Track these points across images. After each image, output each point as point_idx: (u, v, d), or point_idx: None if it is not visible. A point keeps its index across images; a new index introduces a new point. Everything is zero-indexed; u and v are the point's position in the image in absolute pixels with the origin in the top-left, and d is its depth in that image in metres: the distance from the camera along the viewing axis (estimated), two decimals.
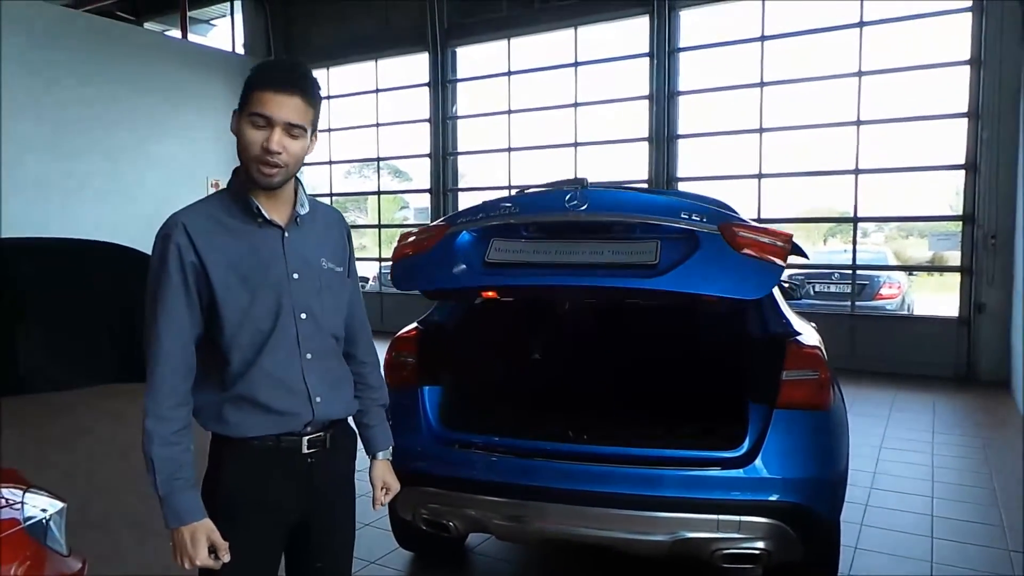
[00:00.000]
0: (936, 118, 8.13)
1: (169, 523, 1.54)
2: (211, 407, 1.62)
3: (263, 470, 1.63)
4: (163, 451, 1.52)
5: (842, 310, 8.68)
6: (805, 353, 2.71)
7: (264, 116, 1.53)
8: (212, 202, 1.65)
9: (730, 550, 2.55)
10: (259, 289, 1.60)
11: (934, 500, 4.23)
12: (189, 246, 1.55)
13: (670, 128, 9.43)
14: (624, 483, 2.61)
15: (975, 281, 7.78)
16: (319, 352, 1.67)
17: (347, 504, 1.82)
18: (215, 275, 1.56)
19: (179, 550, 1.54)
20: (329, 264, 1.71)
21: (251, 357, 1.59)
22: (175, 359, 1.55)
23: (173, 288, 1.55)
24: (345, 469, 1.80)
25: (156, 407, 1.53)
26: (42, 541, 1.95)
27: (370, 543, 3.59)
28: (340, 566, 1.82)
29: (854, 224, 8.57)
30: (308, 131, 1.59)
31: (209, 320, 1.60)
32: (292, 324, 1.63)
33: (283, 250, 1.63)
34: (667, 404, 3.48)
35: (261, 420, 1.61)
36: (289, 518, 1.69)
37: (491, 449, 2.81)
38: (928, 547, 3.60)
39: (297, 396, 1.63)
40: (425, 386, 3.01)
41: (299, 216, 1.67)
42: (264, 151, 1.54)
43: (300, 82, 1.56)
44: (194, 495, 1.56)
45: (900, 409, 6.53)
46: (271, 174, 1.56)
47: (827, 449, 2.69)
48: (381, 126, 12.00)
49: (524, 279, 2.66)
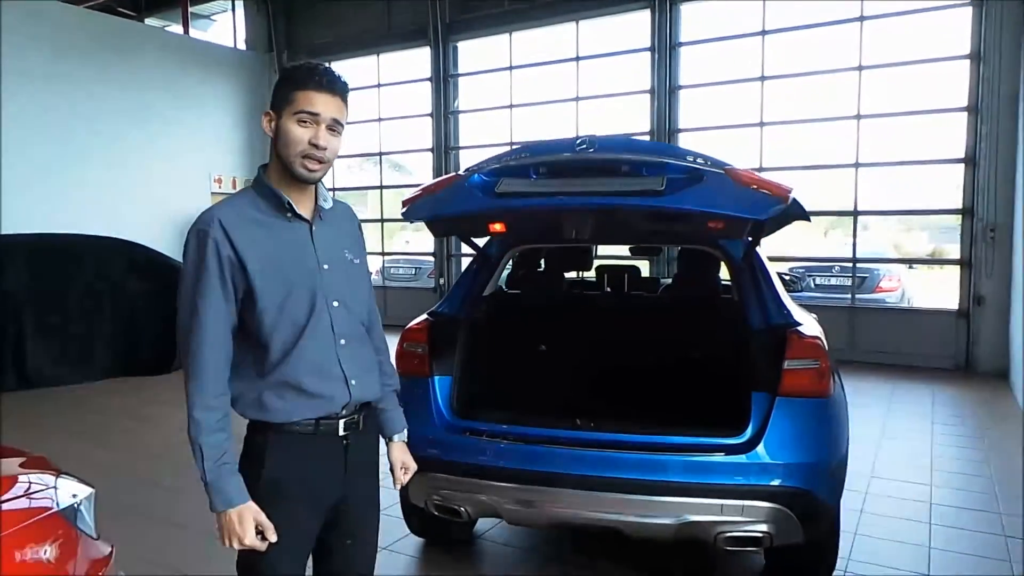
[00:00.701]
0: (936, 112, 8.20)
1: (217, 506, 1.61)
2: (250, 395, 1.70)
3: (304, 453, 1.71)
4: (211, 438, 1.60)
5: (842, 303, 8.75)
6: (806, 342, 2.78)
7: (312, 114, 1.63)
8: (242, 198, 1.73)
9: (733, 533, 2.63)
10: (295, 281, 1.68)
11: (932, 488, 4.31)
12: (225, 240, 1.63)
13: (671, 122, 9.48)
14: (631, 468, 2.69)
15: (974, 274, 7.85)
16: (351, 338, 1.77)
17: (374, 483, 1.92)
18: (252, 268, 1.64)
19: (227, 532, 1.61)
20: (350, 255, 1.82)
21: (290, 345, 1.68)
22: (219, 349, 1.64)
23: (212, 281, 1.62)
24: (374, 450, 1.90)
25: (202, 396, 1.61)
26: (74, 524, 2.03)
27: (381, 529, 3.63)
28: (368, 543, 1.91)
29: (854, 218, 8.64)
30: (342, 130, 1.71)
31: (245, 312, 1.67)
32: (326, 312, 1.72)
33: (312, 243, 1.72)
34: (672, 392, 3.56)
35: (302, 404, 1.69)
36: (327, 500, 1.77)
37: (501, 436, 2.89)
38: (926, 533, 3.68)
39: (335, 380, 1.72)
40: (436, 376, 3.10)
41: (322, 210, 1.76)
42: (312, 146, 1.63)
43: (339, 84, 1.67)
44: (239, 479, 1.64)
45: (900, 400, 6.62)
46: (315, 169, 1.66)
47: (828, 435, 2.77)
48: (383, 121, 12.05)
49: (531, 202, 2.69)
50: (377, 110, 12.06)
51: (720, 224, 2.61)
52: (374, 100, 12.06)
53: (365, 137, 12.24)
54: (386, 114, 12.02)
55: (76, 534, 2.01)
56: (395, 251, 12.75)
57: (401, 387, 3.27)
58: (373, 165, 12.43)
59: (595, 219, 2.65)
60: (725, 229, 2.63)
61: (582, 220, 2.60)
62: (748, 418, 2.73)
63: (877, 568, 3.30)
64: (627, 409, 3.25)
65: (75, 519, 2.04)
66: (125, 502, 4.14)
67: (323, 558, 1.86)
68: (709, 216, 2.58)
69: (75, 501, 2.06)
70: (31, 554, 1.85)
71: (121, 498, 4.18)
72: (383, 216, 12.33)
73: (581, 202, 2.64)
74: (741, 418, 2.75)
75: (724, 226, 2.61)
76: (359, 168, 13.28)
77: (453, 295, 3.41)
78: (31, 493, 1.99)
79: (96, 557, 2.06)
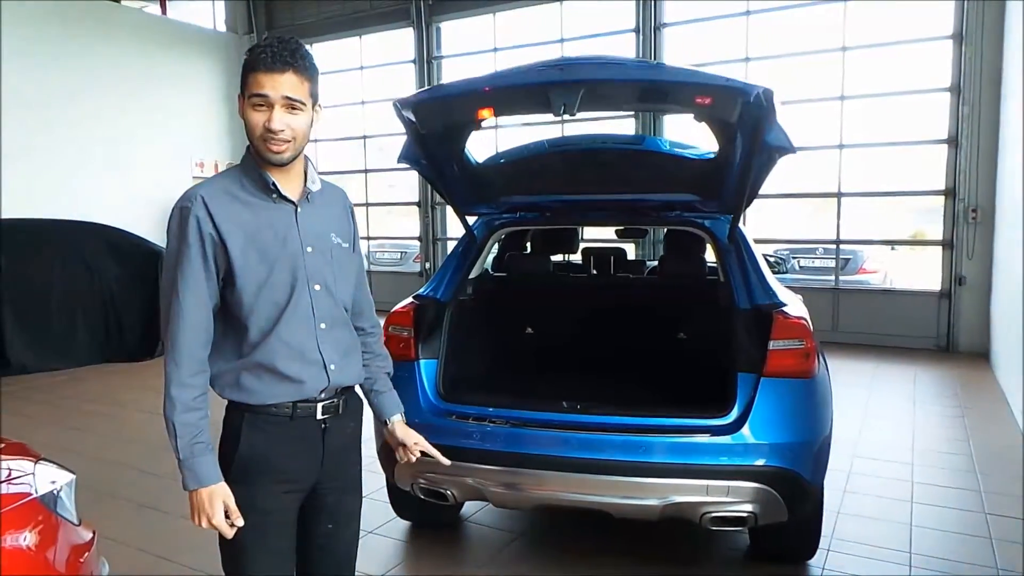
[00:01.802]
0: (919, 93, 8.23)
1: (188, 485, 1.60)
2: (229, 375, 1.69)
3: (280, 436, 1.70)
4: (184, 416, 1.59)
5: (826, 284, 8.81)
6: (791, 323, 2.79)
7: (261, 96, 1.57)
8: (227, 178, 1.70)
9: (719, 513, 2.65)
10: (276, 262, 1.66)
11: (914, 467, 4.36)
12: (207, 218, 1.61)
13: None
14: (617, 450, 2.70)
15: (956, 255, 7.92)
16: (332, 322, 1.75)
17: (356, 468, 1.90)
18: (233, 247, 1.62)
19: (197, 510, 1.60)
20: (338, 239, 1.79)
21: (268, 327, 1.66)
22: (197, 327, 1.62)
23: (193, 258, 1.60)
24: (354, 434, 1.87)
25: (179, 374, 1.60)
26: (53, 511, 2.00)
27: (368, 513, 3.62)
28: (349, 528, 1.90)
29: (838, 199, 8.68)
30: (308, 104, 1.64)
31: (226, 291, 1.66)
32: (307, 295, 1.69)
33: (297, 225, 1.70)
34: (658, 374, 3.57)
35: (279, 388, 1.67)
36: (304, 482, 1.75)
37: (487, 419, 2.89)
38: (908, 511, 3.73)
39: (313, 364, 1.70)
40: (422, 359, 3.08)
41: (310, 193, 1.73)
42: (267, 131, 1.59)
43: (290, 58, 1.58)
44: (212, 459, 1.62)
45: (882, 380, 6.69)
46: (279, 151, 1.61)
47: (812, 416, 2.79)
48: (366, 104, 11.92)
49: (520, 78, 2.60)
50: (360, 92, 11.92)
51: (708, 99, 2.50)
52: (357, 82, 11.92)
53: (348, 120, 12.11)
54: (369, 97, 11.89)
55: (56, 520, 1.99)
56: (380, 235, 12.67)
57: None
58: (357, 148, 12.31)
59: (586, 92, 2.51)
60: (713, 105, 2.50)
61: (571, 93, 2.48)
62: (733, 399, 2.74)
63: (859, 546, 3.34)
64: (613, 391, 3.25)
65: (55, 505, 2.01)
66: (107, 488, 4.11)
67: (305, 541, 1.85)
68: (699, 89, 2.50)
69: (55, 487, 2.03)
70: (11, 541, 1.82)
71: (103, 484, 4.16)
72: (367, 200, 12.24)
73: (573, 78, 2.53)
74: (726, 399, 2.76)
75: (712, 101, 2.50)
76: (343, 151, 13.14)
77: (438, 278, 3.38)
78: (10, 479, 1.96)
79: (77, 543, 2.04)
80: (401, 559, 3.34)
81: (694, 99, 2.51)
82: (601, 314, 3.86)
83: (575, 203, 3.54)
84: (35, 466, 2.03)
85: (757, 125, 2.53)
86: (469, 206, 3.60)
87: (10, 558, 1.81)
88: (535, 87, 2.57)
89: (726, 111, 2.49)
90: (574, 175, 3.46)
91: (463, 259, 3.44)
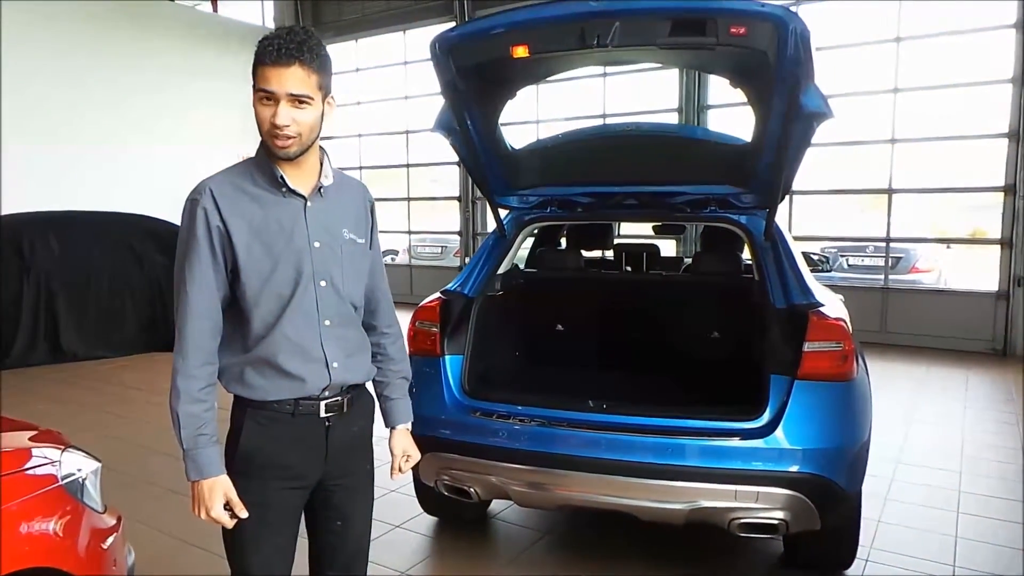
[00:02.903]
0: (978, 85, 7.86)
1: (190, 476, 1.61)
2: (234, 369, 1.68)
3: (282, 433, 1.68)
4: (189, 407, 1.59)
5: (876, 284, 8.52)
6: (828, 324, 2.68)
7: (267, 91, 1.54)
8: (238, 170, 1.69)
9: (747, 519, 2.57)
10: (281, 256, 1.64)
11: (962, 475, 4.18)
12: (215, 210, 1.60)
13: (700, 98, 9.26)
14: (642, 452, 2.63)
15: (1014, 254, 7.57)
16: (337, 319, 1.72)
17: (366, 466, 1.87)
18: (238, 240, 1.61)
19: (197, 501, 1.61)
20: (351, 235, 1.75)
21: (271, 321, 1.64)
22: (204, 318, 1.61)
23: (201, 250, 1.60)
24: (363, 433, 1.84)
25: (185, 365, 1.60)
26: (79, 498, 2.04)
27: (395, 508, 3.67)
28: (359, 526, 1.87)
29: (888, 196, 8.38)
30: (317, 98, 1.58)
31: (234, 284, 1.65)
32: (312, 291, 1.67)
33: (305, 219, 1.67)
34: (690, 374, 3.48)
35: (280, 384, 1.66)
36: (307, 479, 1.74)
37: (512, 417, 2.85)
38: (953, 522, 3.57)
39: (314, 362, 1.68)
40: (447, 355, 3.06)
41: (322, 187, 1.70)
42: (272, 126, 1.56)
43: (296, 51, 1.52)
44: (216, 451, 1.62)
45: (932, 383, 6.44)
46: (285, 146, 1.58)
47: (848, 421, 2.68)
48: (409, 99, 11.98)
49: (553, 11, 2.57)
50: (403, 87, 11.98)
51: (743, 29, 2.43)
52: (401, 77, 11.98)
53: (392, 115, 12.19)
54: (412, 92, 11.94)
55: (81, 508, 2.03)
56: (421, 229, 12.74)
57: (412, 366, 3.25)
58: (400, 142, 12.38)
59: (620, 25, 2.48)
60: (748, 35, 2.43)
61: (606, 25, 2.46)
62: (766, 402, 2.65)
63: (901, 557, 3.21)
64: (642, 391, 3.18)
65: (80, 493, 2.06)
66: (140, 474, 4.22)
67: (315, 539, 1.84)
68: (734, 16, 2.43)
69: (80, 475, 2.07)
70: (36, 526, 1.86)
71: (137, 469, 4.27)
72: (409, 195, 12.31)
73: (608, 8, 2.50)
74: (758, 402, 2.67)
75: (747, 31, 2.43)
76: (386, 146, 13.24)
77: (467, 273, 3.36)
78: (36, 466, 2.00)
79: (101, 528, 2.08)
80: (426, 555, 3.34)
81: (729, 29, 2.42)
82: (633, 312, 3.78)
83: (607, 196, 3.47)
84: (62, 454, 2.07)
85: (794, 80, 2.45)
86: (501, 193, 3.56)
87: (34, 542, 1.86)
88: (570, 19, 2.54)
89: (760, 40, 2.41)
90: (607, 164, 3.40)
91: (492, 254, 3.41)
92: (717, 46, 2.49)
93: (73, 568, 1.91)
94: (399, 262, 12.79)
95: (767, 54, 2.44)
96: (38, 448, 2.10)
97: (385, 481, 4.28)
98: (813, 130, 2.70)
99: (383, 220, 10.50)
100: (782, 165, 2.83)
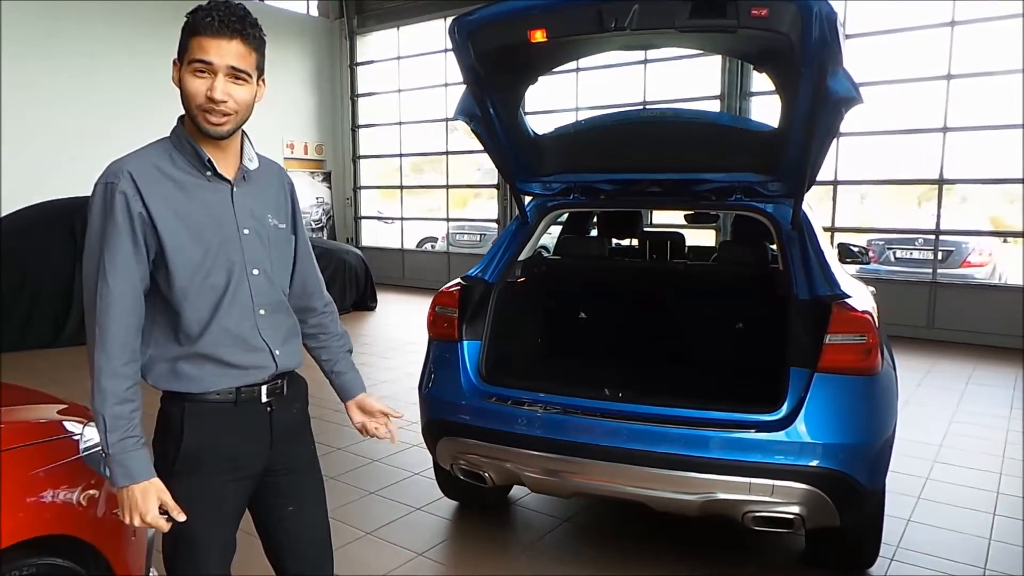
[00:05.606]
0: None
1: (119, 481, 1.51)
2: (163, 364, 1.59)
3: (225, 424, 1.62)
4: (117, 408, 1.49)
5: (924, 277, 8.25)
6: (851, 316, 2.61)
7: (204, 62, 1.47)
8: (155, 150, 1.58)
9: (762, 513, 2.53)
10: (211, 245, 1.56)
11: (1001, 477, 4.03)
12: (136, 195, 1.49)
13: (743, 85, 9.07)
14: (655, 441, 2.61)
15: None
16: (271, 307, 1.66)
17: (308, 448, 1.83)
18: (164, 228, 1.51)
19: (129, 508, 1.51)
20: (274, 221, 1.69)
21: (207, 314, 1.56)
22: (129, 313, 1.51)
23: (122, 239, 1.49)
24: (302, 415, 1.81)
25: (110, 363, 1.48)
26: (101, 471, 2.11)
27: (417, 491, 3.72)
28: (313, 508, 1.81)
29: (939, 187, 8.09)
30: (253, 77, 1.54)
31: (157, 274, 1.55)
32: (245, 280, 1.60)
33: (233, 205, 1.60)
34: (712, 365, 3.43)
35: (222, 374, 1.60)
36: (253, 468, 1.68)
37: (528, 404, 2.85)
38: (988, 524, 3.45)
39: (258, 351, 1.63)
40: (465, 340, 3.07)
41: (247, 171, 1.64)
42: (208, 100, 1.48)
43: (239, 24, 1.48)
44: (145, 454, 1.53)
45: (977, 382, 6.21)
46: (219, 123, 1.51)
47: (870, 415, 2.61)
48: (449, 86, 12.01)
49: None
50: (444, 75, 12.01)
51: (764, 10, 2.35)
52: (442, 65, 12.01)
53: (433, 103, 12.24)
54: (452, 79, 11.97)
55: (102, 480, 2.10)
56: (460, 217, 12.79)
57: (431, 350, 3.26)
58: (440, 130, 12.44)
59: (640, 7, 2.43)
60: (770, 17, 2.36)
61: (624, 8, 2.42)
62: (784, 394, 2.59)
63: (927, 557, 3.12)
64: (660, 380, 3.15)
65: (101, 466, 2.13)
66: None
67: (272, 528, 1.79)
68: None
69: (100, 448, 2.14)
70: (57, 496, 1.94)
71: None
72: (448, 183, 12.37)
73: None
74: (777, 394, 2.61)
75: (769, 13, 2.36)
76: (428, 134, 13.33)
77: (488, 259, 3.36)
78: (59, 438, 2.08)
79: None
80: (444, 537, 3.38)
81: (750, 11, 2.35)
82: (656, 301, 3.74)
83: (631, 183, 3.43)
84: (84, 428, 2.15)
85: (820, 64, 2.36)
86: (523, 180, 3.55)
87: (55, 511, 1.93)
88: (586, 1, 2.50)
89: (784, 22, 2.33)
90: (630, 151, 3.35)
91: (514, 241, 3.41)
92: (739, 28, 2.43)
93: (93, 538, 1.98)
94: (439, 249, 12.90)
95: (790, 37, 2.37)
96: (64, 421, 2.18)
97: (407, 464, 4.34)
98: (842, 116, 2.61)
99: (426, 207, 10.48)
100: (809, 152, 2.76)
